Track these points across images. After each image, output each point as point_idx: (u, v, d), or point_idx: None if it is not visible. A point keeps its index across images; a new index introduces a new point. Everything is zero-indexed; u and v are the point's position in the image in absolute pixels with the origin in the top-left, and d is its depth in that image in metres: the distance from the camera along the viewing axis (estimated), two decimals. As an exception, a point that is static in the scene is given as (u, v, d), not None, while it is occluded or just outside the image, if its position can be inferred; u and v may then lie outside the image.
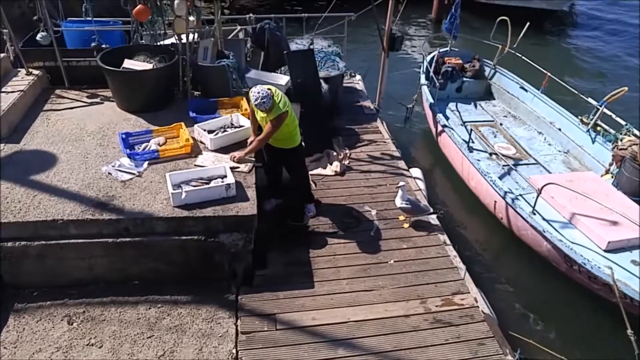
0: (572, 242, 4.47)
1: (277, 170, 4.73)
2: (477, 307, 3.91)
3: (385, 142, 6.20)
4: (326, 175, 5.46)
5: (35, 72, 5.35)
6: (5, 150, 4.35)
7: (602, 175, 5.51)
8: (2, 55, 5.30)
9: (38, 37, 5.19)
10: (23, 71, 5.33)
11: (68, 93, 5.40)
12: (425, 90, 7.12)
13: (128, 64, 5.10)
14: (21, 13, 5.67)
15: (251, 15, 6.50)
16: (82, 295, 3.72)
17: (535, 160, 6.15)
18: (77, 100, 5.27)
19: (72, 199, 3.82)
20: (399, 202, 4.67)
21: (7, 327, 3.47)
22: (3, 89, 4.96)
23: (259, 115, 4.23)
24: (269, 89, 4.04)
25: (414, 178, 5.55)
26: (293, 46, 6.58)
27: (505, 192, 5.12)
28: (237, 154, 4.34)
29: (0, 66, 5.17)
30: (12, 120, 4.67)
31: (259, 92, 3.93)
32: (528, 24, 6.76)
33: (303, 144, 4.85)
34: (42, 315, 3.57)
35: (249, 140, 4.53)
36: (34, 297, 3.68)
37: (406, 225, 4.73)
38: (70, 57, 5.40)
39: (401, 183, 4.74)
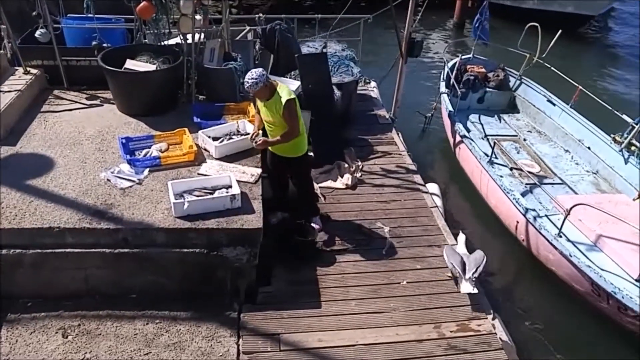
0: (601, 269, 4.59)
1: (281, 181, 4.90)
2: (495, 334, 4.03)
3: (400, 154, 6.39)
4: (336, 189, 5.64)
5: (34, 71, 5.62)
6: (1, 152, 4.59)
7: (634, 199, 5.61)
8: (-1, 52, 5.59)
9: (37, 34, 5.47)
10: (21, 70, 5.61)
11: (67, 94, 5.67)
12: (445, 99, 7.31)
13: (130, 64, 5.34)
14: (18, 8, 5.96)
15: (261, 15, 6.76)
16: (77, 308, 3.91)
17: (561, 179, 6.28)
18: (76, 102, 5.54)
19: (69, 206, 4.03)
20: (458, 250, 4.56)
21: (0, 339, 3.66)
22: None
23: (262, 109, 4.36)
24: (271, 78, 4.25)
25: (431, 194, 5.72)
26: (305, 49, 6.81)
27: (529, 211, 5.26)
28: (262, 139, 4.43)
29: (-3, 64, 5.47)
30: (8, 122, 4.92)
31: (250, 73, 4.12)
32: (560, 31, 6.89)
33: (311, 154, 5.04)
34: (36, 327, 3.77)
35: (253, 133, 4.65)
36: (28, 308, 3.88)
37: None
38: (70, 56, 5.66)
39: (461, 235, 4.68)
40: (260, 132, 4.67)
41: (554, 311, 5.09)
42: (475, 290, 4.26)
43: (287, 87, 4.33)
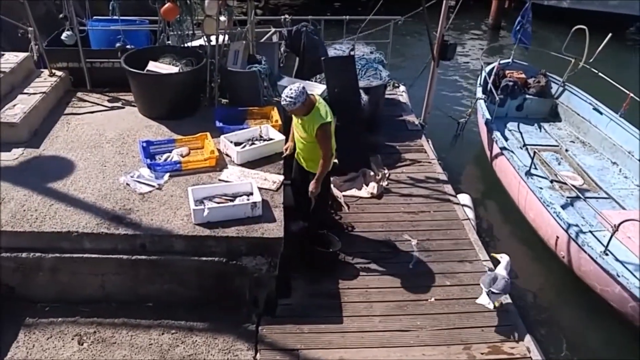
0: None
1: (302, 190, 4.83)
2: (530, 357, 3.94)
3: (430, 162, 6.34)
4: (361, 198, 5.63)
5: (59, 73, 5.84)
6: (25, 155, 4.77)
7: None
8: (26, 54, 5.81)
9: (63, 36, 5.68)
10: (46, 72, 5.84)
11: (89, 96, 5.86)
12: (481, 105, 7.22)
13: (152, 66, 5.48)
14: (47, 11, 6.21)
15: (287, 16, 6.85)
16: (93, 314, 4.01)
17: (607, 194, 6.10)
18: (98, 104, 5.72)
19: (88, 210, 4.14)
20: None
21: (17, 343, 3.78)
22: (25, 90, 5.45)
23: (296, 123, 4.38)
24: (311, 93, 4.26)
25: (462, 205, 5.64)
26: (331, 52, 6.87)
27: (571, 226, 5.13)
28: (314, 188, 4.37)
29: (23, 66, 5.67)
30: (32, 124, 5.12)
31: (289, 89, 4.08)
32: (610, 35, 6.71)
33: (335, 160, 4.90)
34: (52, 332, 3.88)
35: (285, 146, 4.73)
36: (45, 313, 4.00)
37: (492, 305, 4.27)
38: (94, 58, 5.86)
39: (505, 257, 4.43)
40: (290, 143, 4.69)
41: (597, 335, 4.95)
42: (490, 305, 4.16)
43: (326, 105, 4.29)
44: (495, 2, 13.52)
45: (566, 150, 7.00)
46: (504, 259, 4.39)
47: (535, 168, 6.18)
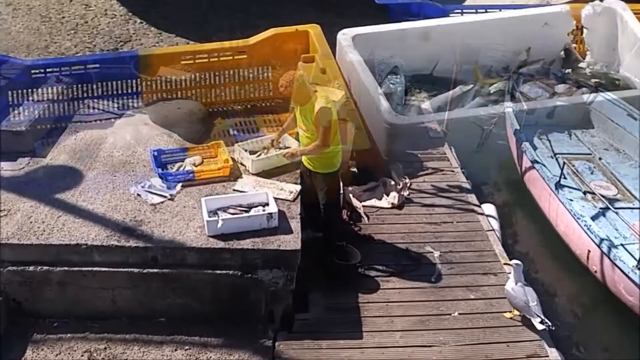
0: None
1: (311, 196, 4.77)
2: (558, 375, 3.97)
3: (453, 171, 6.37)
4: (381, 208, 5.67)
5: (66, 79, 5.99)
6: (31, 164, 4.92)
7: None
8: (33, 60, 6.03)
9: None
10: (53, 78, 5.98)
11: (98, 103, 6.02)
12: (509, 114, 7.26)
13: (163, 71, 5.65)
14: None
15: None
16: (103, 330, 4.10)
17: None
18: (108, 112, 5.87)
19: (97, 222, 4.27)
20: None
21: (25, 360, 3.90)
22: (31, 97, 5.63)
23: (297, 115, 4.46)
24: (316, 84, 4.47)
25: (487, 216, 5.67)
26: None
27: (602, 239, 5.14)
28: (293, 150, 4.59)
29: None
30: (39, 132, 5.29)
31: (287, 74, 4.31)
32: None
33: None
34: (61, 348, 3.98)
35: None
36: (54, 328, 4.10)
37: (508, 314, 4.47)
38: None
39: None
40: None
41: (630, 353, 4.89)
42: (543, 325, 4.17)
43: (327, 94, 4.42)
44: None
45: (599, 159, 6.97)
46: (519, 266, 4.42)
47: (565, 178, 6.19)
